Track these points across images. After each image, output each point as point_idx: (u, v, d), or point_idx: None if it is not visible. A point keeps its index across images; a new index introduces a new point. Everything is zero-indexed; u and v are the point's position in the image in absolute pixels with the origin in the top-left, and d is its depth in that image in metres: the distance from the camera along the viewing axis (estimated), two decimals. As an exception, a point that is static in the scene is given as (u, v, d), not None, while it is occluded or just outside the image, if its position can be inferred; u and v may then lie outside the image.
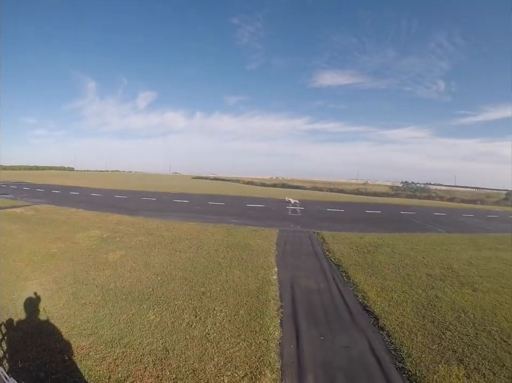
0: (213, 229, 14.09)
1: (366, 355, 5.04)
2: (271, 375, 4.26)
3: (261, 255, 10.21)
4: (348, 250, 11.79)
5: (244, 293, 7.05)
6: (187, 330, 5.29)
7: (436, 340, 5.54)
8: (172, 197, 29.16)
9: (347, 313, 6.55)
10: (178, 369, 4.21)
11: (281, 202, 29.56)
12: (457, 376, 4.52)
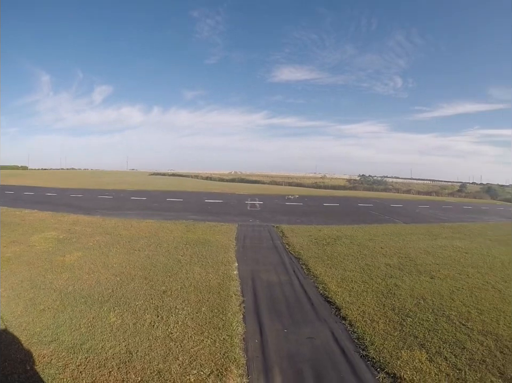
0: (172, 226, 13.99)
1: (331, 345, 5.21)
2: (237, 371, 4.31)
3: (220, 251, 10.29)
4: (307, 242, 12.09)
5: (205, 289, 7.07)
6: (150, 330, 5.24)
7: (397, 327, 5.83)
8: (129, 194, 28.48)
9: (309, 305, 6.73)
10: (142, 371, 4.17)
11: (240, 196, 29.66)
12: (420, 361, 4.79)
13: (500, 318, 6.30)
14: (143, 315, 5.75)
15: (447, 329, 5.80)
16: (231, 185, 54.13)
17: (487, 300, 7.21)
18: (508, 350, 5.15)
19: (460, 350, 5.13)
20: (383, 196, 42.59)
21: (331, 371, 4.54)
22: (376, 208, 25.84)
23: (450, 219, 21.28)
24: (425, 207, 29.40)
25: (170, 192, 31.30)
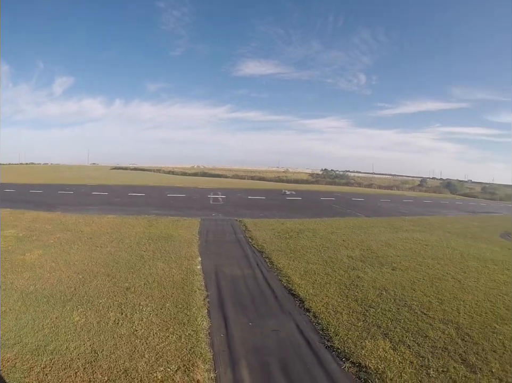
0: (134, 221, 13.70)
1: (296, 337, 5.26)
2: (203, 366, 4.29)
3: (183, 245, 10.19)
4: (270, 236, 12.16)
5: (169, 285, 6.98)
6: (114, 328, 5.12)
7: (360, 317, 5.96)
8: (91, 189, 27.48)
9: (273, 298, 6.76)
10: (109, 370, 4.07)
11: (202, 190, 29.44)
12: (384, 350, 4.91)
13: (460, 307, 6.58)
14: (107, 313, 5.61)
15: (410, 319, 5.99)
16: (194, 179, 53.77)
17: (447, 290, 7.51)
18: (468, 338, 5.37)
19: (422, 338, 5.30)
20: (345, 190, 43.63)
21: (297, 362, 4.58)
22: (338, 202, 26.39)
23: (411, 213, 22.09)
24: (386, 201, 30.39)
25: (132, 187, 30.58)
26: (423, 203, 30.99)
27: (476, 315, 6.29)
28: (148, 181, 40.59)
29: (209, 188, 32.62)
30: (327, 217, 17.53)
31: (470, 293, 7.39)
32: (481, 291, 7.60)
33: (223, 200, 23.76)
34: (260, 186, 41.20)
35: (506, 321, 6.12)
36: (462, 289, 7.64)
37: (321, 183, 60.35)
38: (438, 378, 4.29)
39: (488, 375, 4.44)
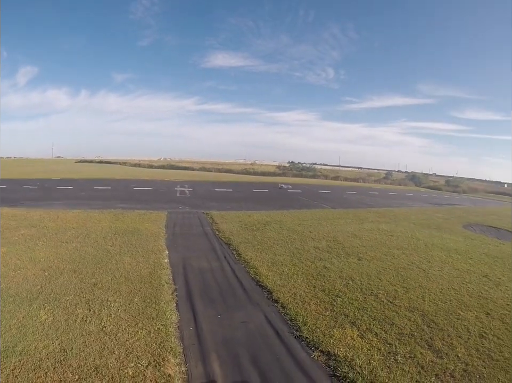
0: (100, 215, 13.35)
1: (265, 328, 5.32)
2: (174, 360, 4.28)
3: (150, 239, 10.08)
4: (237, 228, 12.19)
5: (137, 280, 6.89)
6: (82, 325, 5.00)
7: (328, 307, 6.08)
8: (55, 183, 26.34)
9: (241, 290, 6.80)
10: (79, 369, 3.98)
11: (169, 183, 29.05)
12: (352, 338, 5.04)
13: (425, 295, 6.83)
14: (74, 310, 5.47)
15: (376, 307, 6.17)
16: (161, 172, 52.93)
17: (413, 279, 7.77)
18: (434, 324, 5.60)
19: (389, 326, 5.47)
20: (312, 182, 44.24)
21: (267, 353, 4.63)
22: (304, 194, 26.75)
23: (376, 204, 22.73)
24: (352, 193, 31.10)
25: (98, 180, 29.69)
26: (389, 195, 31.93)
27: (440, 302, 6.54)
28: (114, 174, 39.62)
29: (176, 181, 32.26)
30: (293, 209, 17.72)
31: (435, 282, 7.68)
32: (445, 279, 7.91)
33: (190, 193, 23.58)
34: (227, 178, 41.12)
35: (470, 307, 6.42)
36: (427, 278, 7.93)
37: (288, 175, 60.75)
38: (405, 364, 4.44)
39: (454, 360, 4.63)
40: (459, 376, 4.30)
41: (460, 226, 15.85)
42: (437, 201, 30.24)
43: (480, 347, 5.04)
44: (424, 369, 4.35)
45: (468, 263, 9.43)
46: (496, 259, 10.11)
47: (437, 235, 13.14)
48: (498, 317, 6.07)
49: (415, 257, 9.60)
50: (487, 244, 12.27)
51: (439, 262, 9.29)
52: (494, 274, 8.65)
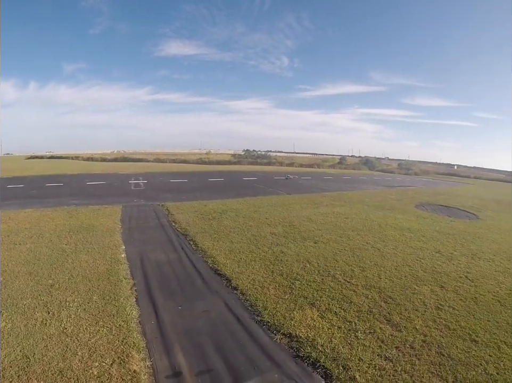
0: (53, 214, 12.69)
1: (226, 315, 5.33)
2: (138, 356, 4.23)
3: (106, 235, 9.79)
4: (193, 218, 12.06)
5: (94, 277, 6.69)
6: (43, 329, 4.80)
7: (287, 290, 6.18)
8: (5, 182, 24.47)
9: (200, 280, 6.75)
10: (44, 374, 3.84)
11: (123, 176, 28.20)
12: (312, 318, 5.14)
13: (381, 273, 7.08)
14: (33, 314, 5.24)
15: (334, 287, 6.33)
16: (114, 165, 51.11)
17: (368, 258, 8.03)
18: (391, 300, 5.82)
19: (347, 304, 5.63)
20: (267, 170, 44.47)
21: (230, 340, 4.65)
22: (260, 181, 26.85)
23: (331, 189, 23.20)
24: (307, 178, 31.52)
25: (49, 177, 28.12)
26: (343, 179, 32.71)
27: (396, 279, 6.80)
28: (66, 170, 37.80)
29: (131, 173, 31.33)
30: (249, 197, 17.73)
31: (390, 260, 7.97)
32: (400, 257, 8.22)
33: (145, 185, 23.02)
34: (182, 169, 40.53)
35: (425, 282, 6.75)
36: (382, 257, 8.21)
37: (244, 163, 60.82)
38: (366, 339, 4.58)
39: (412, 332, 4.85)
40: (418, 347, 4.49)
41: (412, 206, 16.52)
42: (390, 183, 31.33)
43: (437, 318, 5.29)
44: (384, 343, 4.51)
45: (421, 241, 9.85)
46: (448, 236, 10.65)
47: (390, 215, 13.63)
48: (453, 290, 6.42)
49: (370, 238, 9.91)
50: (438, 222, 12.89)
51: (393, 241, 9.64)
52: (446, 249, 9.12)
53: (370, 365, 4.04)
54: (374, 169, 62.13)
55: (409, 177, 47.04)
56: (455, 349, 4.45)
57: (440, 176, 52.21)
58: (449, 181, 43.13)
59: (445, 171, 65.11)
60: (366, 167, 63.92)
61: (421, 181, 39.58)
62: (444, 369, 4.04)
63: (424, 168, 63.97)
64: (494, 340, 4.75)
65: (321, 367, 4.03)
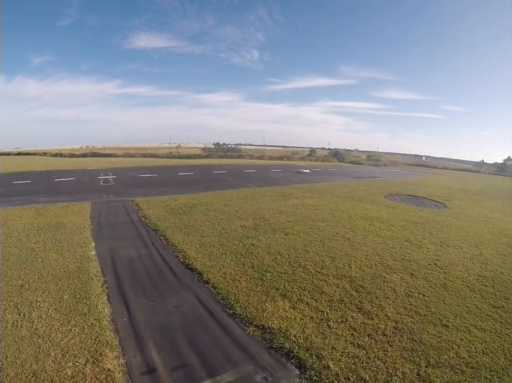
0: (21, 212, 12.24)
1: (198, 310, 5.30)
2: (112, 354, 4.17)
3: (75, 232, 9.54)
4: (164, 213, 11.93)
5: (64, 276, 6.52)
6: (14, 331, 4.67)
7: (258, 282, 6.19)
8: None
9: (171, 275, 6.69)
10: (17, 377, 3.76)
11: (92, 172, 27.47)
12: (284, 309, 5.17)
13: (351, 263, 7.18)
14: (4, 315, 5.09)
15: (305, 278, 6.39)
16: (83, 160, 49.75)
17: (338, 249, 8.13)
18: (362, 289, 5.91)
19: (319, 294, 5.69)
20: (237, 163, 44.42)
21: (203, 334, 4.63)
22: (230, 175, 26.77)
23: (301, 181, 23.35)
24: (277, 171, 31.70)
25: (16, 174, 27.03)
26: (313, 171, 32.97)
27: (366, 268, 6.91)
28: (33, 166, 36.44)
29: (100, 169, 30.61)
30: (219, 190, 17.69)
31: (360, 249, 8.09)
32: (370, 246, 8.36)
33: (114, 180, 22.56)
34: (152, 163, 39.96)
35: (395, 270, 6.90)
36: (351, 246, 8.33)
37: (214, 157, 60.58)
38: (338, 328, 4.64)
39: (384, 319, 4.95)
40: (390, 333, 4.59)
41: (381, 197, 16.87)
42: (359, 175, 31.88)
43: (408, 305, 5.41)
44: (356, 331, 4.58)
45: (390, 230, 10.06)
46: (417, 225, 10.92)
47: (359, 206, 13.86)
48: (422, 277, 6.59)
49: (340, 228, 10.03)
50: (407, 212, 13.22)
51: (363, 231, 9.80)
52: (415, 238, 9.35)
53: (343, 354, 4.09)
54: (344, 161, 63.02)
55: (378, 168, 48.00)
56: (427, 335, 4.56)
57: (409, 167, 53.57)
58: (418, 171, 44.25)
59: (413, 161, 66.83)
60: (336, 159, 64.78)
61: (390, 172, 40.47)
62: (417, 354, 4.14)
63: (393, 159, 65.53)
64: (465, 324, 4.91)
65: (295, 357, 4.06)
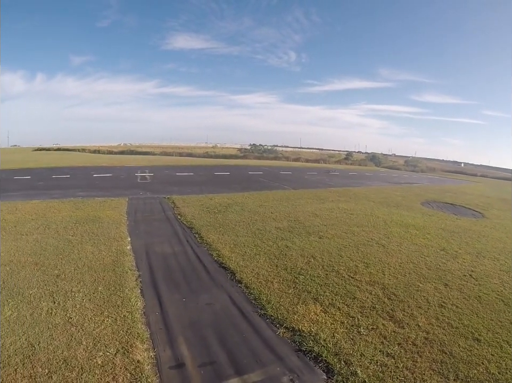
0: (60, 205, 12.79)
1: (230, 308, 5.35)
2: (142, 346, 4.27)
3: (112, 227, 9.83)
4: (199, 212, 12.09)
5: (100, 268, 6.74)
6: (48, 318, 4.84)
7: (291, 284, 6.19)
8: (12, 173, 24.56)
9: (204, 272, 6.78)
10: (48, 362, 3.89)
11: (130, 169, 28.27)
12: (315, 313, 5.15)
13: (385, 270, 7.05)
14: (39, 303, 5.29)
15: (338, 283, 6.32)
16: (121, 157, 51.13)
17: (372, 255, 8.01)
18: (394, 297, 5.80)
19: (351, 300, 5.63)
20: (273, 164, 44.40)
21: (234, 332, 4.67)
22: (266, 176, 26.82)
23: (337, 184, 23.10)
24: (313, 173, 31.49)
25: (56, 169, 28.16)
26: (349, 175, 32.59)
27: (400, 275, 6.78)
28: (73, 162, 37.85)
29: (137, 166, 31.40)
30: (255, 191, 17.74)
31: (394, 256, 7.94)
32: (404, 254, 8.19)
33: (151, 178, 23.09)
34: (188, 162, 40.57)
35: (429, 279, 6.73)
36: (386, 253, 8.19)
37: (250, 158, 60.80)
38: (368, 335, 4.58)
39: (415, 329, 4.85)
40: (420, 344, 4.49)
41: (418, 204, 16.41)
42: (396, 180, 31.10)
43: (440, 316, 5.28)
44: (387, 339, 4.50)
45: (426, 238, 9.81)
46: (453, 234, 10.59)
47: (395, 212, 13.57)
48: (456, 288, 6.40)
49: (375, 234, 9.88)
50: (444, 220, 12.82)
51: (398, 238, 9.60)
52: (451, 247, 9.07)
53: (371, 361, 4.04)
54: (381, 165, 61.74)
55: (415, 174, 46.64)
56: (457, 347, 4.44)
57: (446, 174, 51.74)
58: (455, 178, 42.78)
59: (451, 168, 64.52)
60: (372, 163, 63.61)
61: (427, 178, 39.29)
62: (446, 367, 4.04)
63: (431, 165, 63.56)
64: (497, 339, 4.74)
65: (323, 361, 4.04)
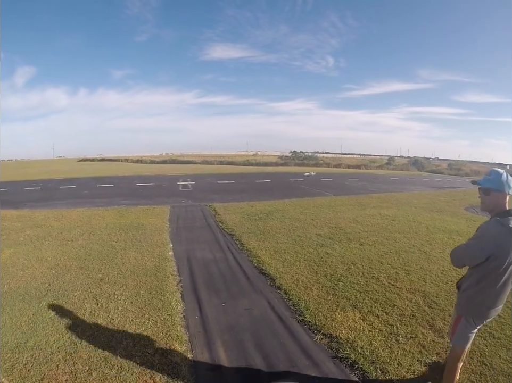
0: (104, 213, 13.44)
1: (268, 314, 5.37)
2: (180, 348, 4.36)
3: (154, 233, 10.15)
4: (240, 219, 12.23)
5: (142, 273, 6.98)
6: (91, 319, 5.09)
7: (330, 291, 6.13)
8: (58, 183, 26.22)
9: (244, 278, 6.85)
10: (89, 360, 4.07)
11: (172, 178, 29.07)
12: (353, 320, 5.08)
13: (426, 277, 6.84)
14: (83, 305, 5.56)
15: (378, 290, 6.20)
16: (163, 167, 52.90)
17: (414, 262, 7.79)
18: (435, 305, 5.60)
19: (390, 308, 5.50)
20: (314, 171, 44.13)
21: (271, 337, 4.68)
22: (306, 183, 26.69)
23: (378, 190, 22.63)
24: (354, 179, 31.01)
25: (100, 178, 29.54)
26: (391, 180, 31.80)
27: (442, 283, 6.55)
28: (116, 171, 39.55)
29: (178, 175, 32.21)
30: (295, 198, 17.71)
31: (436, 264, 7.68)
32: (447, 261, 7.86)
33: (193, 186, 23.58)
34: (229, 170, 41.13)
35: (471, 287, 6.41)
36: (428, 260, 7.94)
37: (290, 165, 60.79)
38: (407, 344, 4.45)
39: None
40: (460, 354, 4.32)
41: (462, 209, 15.77)
42: (440, 185, 30.02)
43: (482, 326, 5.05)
44: (425, 349, 4.36)
45: (469, 245, 9.38)
46: (498, 240, 10.05)
47: (438, 218, 13.12)
48: (500, 297, 6.08)
49: (417, 240, 9.60)
50: (488, 226, 12.17)
51: (440, 244, 9.28)
52: (495, 254, 8.61)
53: (408, 370, 3.93)
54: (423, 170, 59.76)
55: (459, 178, 44.83)
56: (498, 359, 4.22)
57: (493, 178, 49.31)
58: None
59: (497, 171, 61.45)
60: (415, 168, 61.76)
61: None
62: (485, 379, 3.84)
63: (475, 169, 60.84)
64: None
65: (359, 369, 3.97)
